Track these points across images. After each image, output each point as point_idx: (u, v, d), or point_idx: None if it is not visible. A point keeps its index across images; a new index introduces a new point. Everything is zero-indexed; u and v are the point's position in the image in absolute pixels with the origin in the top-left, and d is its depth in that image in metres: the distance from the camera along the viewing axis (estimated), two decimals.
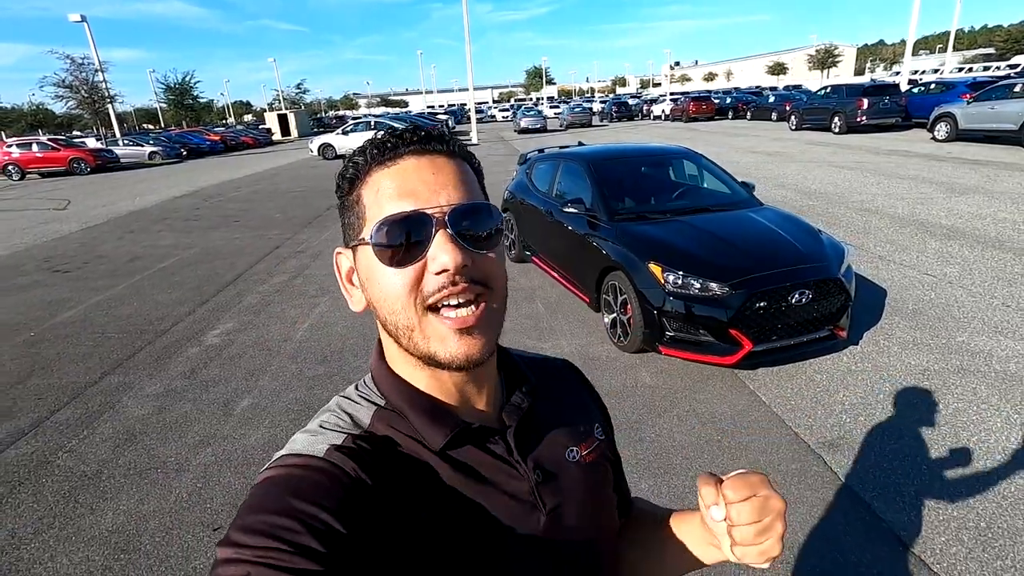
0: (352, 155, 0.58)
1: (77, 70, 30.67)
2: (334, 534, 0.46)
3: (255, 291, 5.89)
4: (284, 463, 0.51)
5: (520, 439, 0.61)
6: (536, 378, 0.68)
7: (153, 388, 3.84)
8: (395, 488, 0.52)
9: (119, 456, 3.08)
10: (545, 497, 0.60)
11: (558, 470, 0.63)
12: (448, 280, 0.51)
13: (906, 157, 12.26)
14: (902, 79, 23.06)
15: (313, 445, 0.53)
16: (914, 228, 6.67)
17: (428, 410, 0.57)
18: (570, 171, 5.07)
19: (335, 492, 0.48)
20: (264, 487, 0.49)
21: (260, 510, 0.46)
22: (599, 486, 0.67)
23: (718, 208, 4.40)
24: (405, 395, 0.58)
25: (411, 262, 0.52)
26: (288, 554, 0.43)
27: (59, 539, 2.48)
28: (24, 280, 6.84)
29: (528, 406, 0.63)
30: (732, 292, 3.34)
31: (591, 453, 0.67)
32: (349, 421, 0.57)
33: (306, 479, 0.49)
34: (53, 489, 2.83)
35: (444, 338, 0.52)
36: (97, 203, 13.63)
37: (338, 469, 0.50)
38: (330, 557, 0.44)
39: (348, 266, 0.60)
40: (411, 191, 0.52)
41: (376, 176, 0.55)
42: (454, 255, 0.50)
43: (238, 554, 0.43)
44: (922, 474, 2.62)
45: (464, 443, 0.58)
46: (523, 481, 0.59)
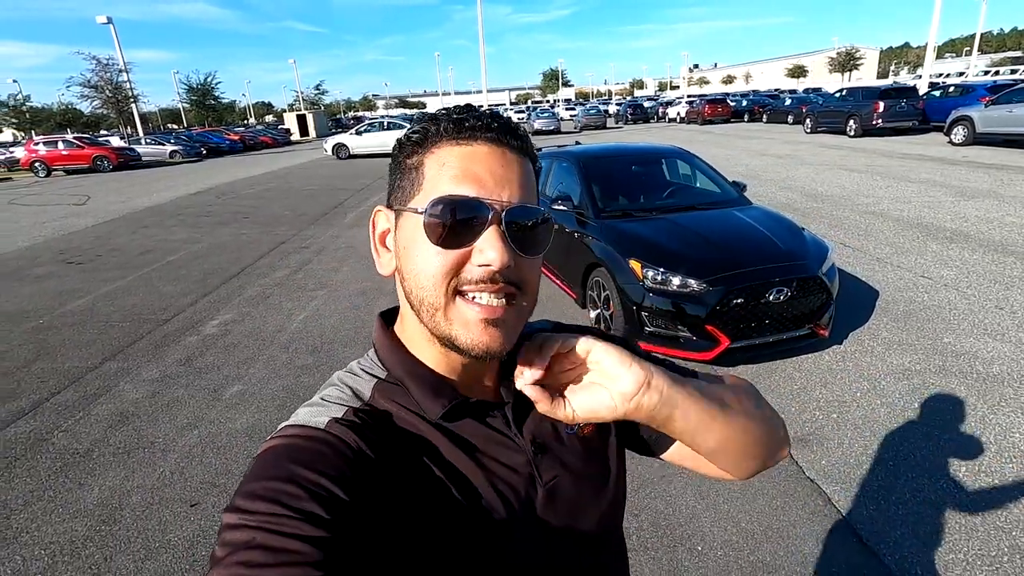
0: (424, 119, 0.57)
1: (102, 70, 31.52)
2: (337, 501, 0.46)
3: (256, 284, 6.04)
4: (286, 433, 0.52)
5: (518, 413, 0.61)
6: None
7: (149, 374, 3.99)
8: (395, 459, 0.53)
9: (110, 436, 3.22)
10: (543, 470, 0.60)
11: (555, 443, 0.63)
12: (487, 275, 0.51)
13: (919, 161, 12.08)
14: (922, 82, 22.69)
15: (314, 417, 0.53)
16: (917, 231, 6.60)
17: (429, 382, 0.58)
18: (562, 169, 5.13)
19: (336, 462, 0.49)
20: (266, 456, 0.50)
21: (264, 477, 0.47)
22: (601, 456, 0.67)
23: (705, 206, 4.42)
24: (408, 367, 0.58)
25: (456, 246, 0.51)
26: (292, 519, 0.44)
27: (47, 511, 2.61)
28: (39, 271, 7.09)
29: None
30: (710, 289, 3.37)
31: (590, 423, 0.66)
32: (350, 394, 0.58)
33: (308, 449, 0.50)
34: (46, 465, 2.97)
35: (468, 324, 0.52)
36: (115, 199, 14.02)
37: (339, 440, 0.51)
38: (334, 523, 0.45)
39: (385, 227, 0.60)
40: (477, 177, 0.52)
41: (445, 150, 0.54)
42: (501, 253, 0.50)
43: (243, 519, 0.44)
44: (888, 470, 2.63)
45: (463, 416, 0.58)
46: (521, 454, 0.60)
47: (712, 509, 2.45)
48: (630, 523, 2.38)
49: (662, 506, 2.47)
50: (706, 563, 2.18)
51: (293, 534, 0.43)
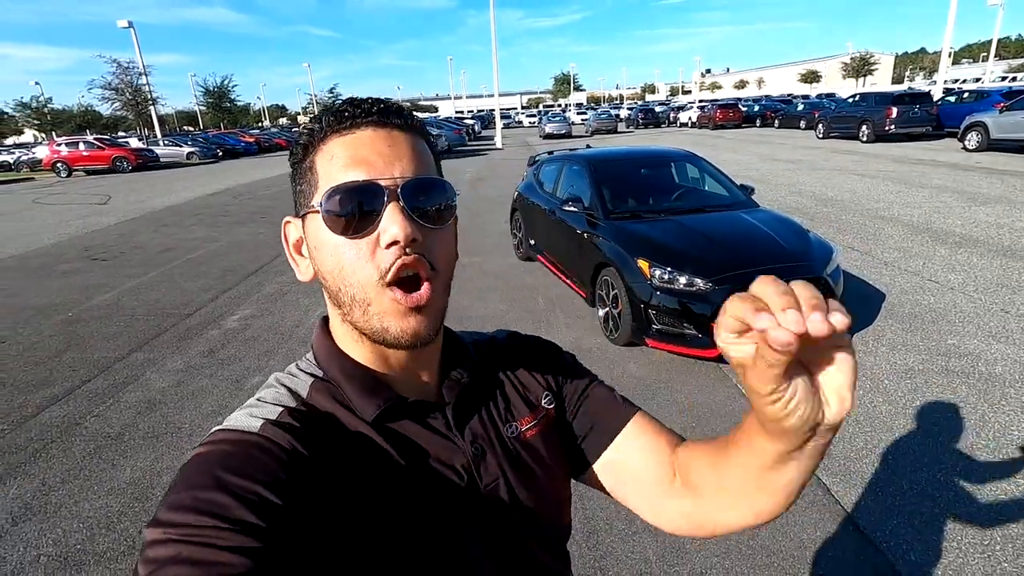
0: (309, 121, 0.57)
1: (123, 73, 32.18)
2: (270, 507, 0.44)
3: (274, 281, 6.22)
4: (216, 439, 0.50)
5: (458, 414, 0.61)
6: (482, 357, 0.69)
7: (174, 364, 4.16)
8: (332, 460, 0.52)
9: (140, 421, 3.38)
10: (482, 472, 0.60)
11: (495, 446, 0.62)
12: (399, 253, 0.51)
13: (932, 167, 12.05)
14: (936, 87, 22.54)
15: (247, 420, 0.52)
16: (926, 236, 6.63)
17: (363, 382, 0.57)
18: (573, 172, 5.26)
19: (270, 466, 0.47)
20: (193, 464, 0.47)
21: (191, 487, 0.44)
22: (542, 460, 0.66)
23: (712, 209, 4.52)
24: (342, 367, 0.58)
25: (362, 233, 0.51)
26: (221, 530, 0.41)
27: (83, 488, 2.77)
28: (66, 267, 7.34)
29: (468, 381, 0.63)
30: (715, 288, 3.47)
31: (534, 427, 0.66)
32: (287, 393, 0.56)
33: (239, 454, 0.48)
34: (80, 447, 3.14)
35: (396, 314, 0.52)
36: (135, 199, 14.35)
37: (272, 443, 0.49)
38: (267, 531, 0.43)
39: (297, 236, 0.59)
40: (365, 160, 0.52)
41: (331, 144, 0.54)
42: (404, 227, 0.50)
43: (167, 534, 0.41)
44: (887, 465, 2.71)
45: (401, 417, 0.57)
46: (461, 455, 0.59)
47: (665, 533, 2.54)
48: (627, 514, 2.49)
49: None
50: (706, 545, 2.28)
51: (223, 546, 0.41)
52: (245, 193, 14.54)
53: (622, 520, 2.44)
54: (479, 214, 9.66)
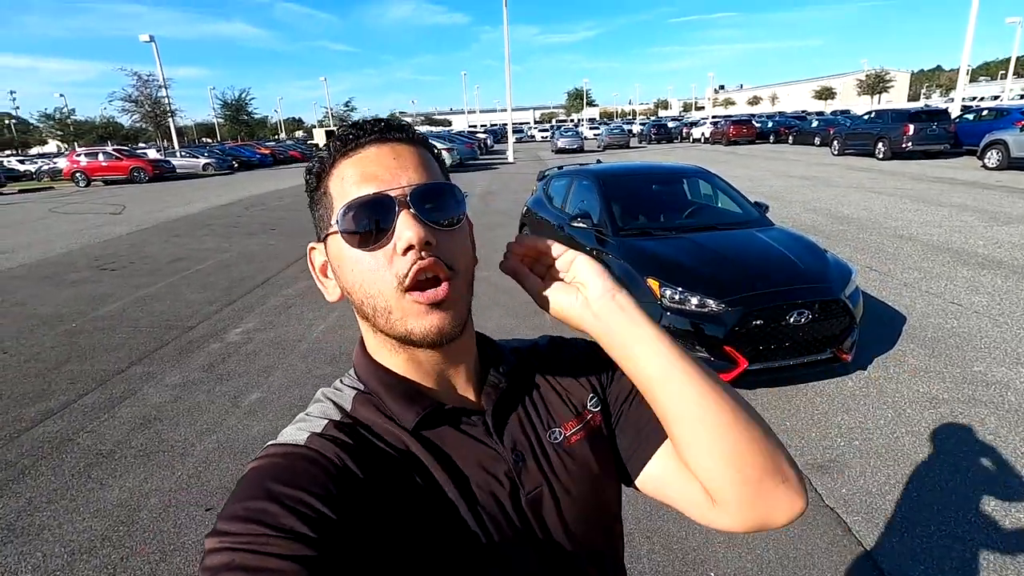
0: (317, 150, 0.60)
1: (143, 86, 32.81)
2: (319, 516, 0.46)
3: (280, 294, 6.17)
4: (267, 453, 0.53)
5: (498, 420, 0.61)
6: (522, 362, 0.69)
7: (173, 379, 4.08)
8: (377, 470, 0.53)
9: (132, 438, 3.30)
10: (524, 480, 0.59)
11: (537, 452, 0.62)
12: (416, 257, 0.52)
13: (951, 185, 11.81)
14: (954, 105, 22.26)
15: (295, 435, 0.55)
16: (947, 256, 6.43)
17: (401, 391, 0.58)
18: (582, 187, 5.16)
19: (318, 477, 0.49)
20: (247, 478, 0.50)
21: (244, 498, 0.47)
22: (587, 466, 0.64)
23: (725, 226, 4.39)
24: (380, 378, 0.59)
25: (379, 244, 0.53)
26: (273, 538, 0.44)
27: (68, 509, 2.68)
28: (75, 276, 7.36)
29: (506, 386, 0.63)
30: (728, 309, 3.33)
31: (579, 432, 0.65)
32: (333, 407, 0.59)
33: (288, 466, 0.50)
34: (71, 464, 3.06)
35: (418, 315, 0.53)
36: (150, 209, 14.50)
37: (320, 455, 0.51)
38: (316, 539, 0.45)
39: (322, 260, 0.61)
40: (373, 175, 0.54)
41: (340, 167, 0.56)
42: (417, 231, 0.52)
43: (223, 543, 0.44)
44: (912, 502, 2.54)
45: (440, 423, 0.58)
46: (501, 463, 0.59)
47: (725, 538, 2.39)
48: (641, 546, 2.35)
49: (674, 529, 2.43)
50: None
51: (274, 553, 0.43)
52: (257, 204, 14.64)
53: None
54: (490, 228, 9.58)
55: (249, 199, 15.91)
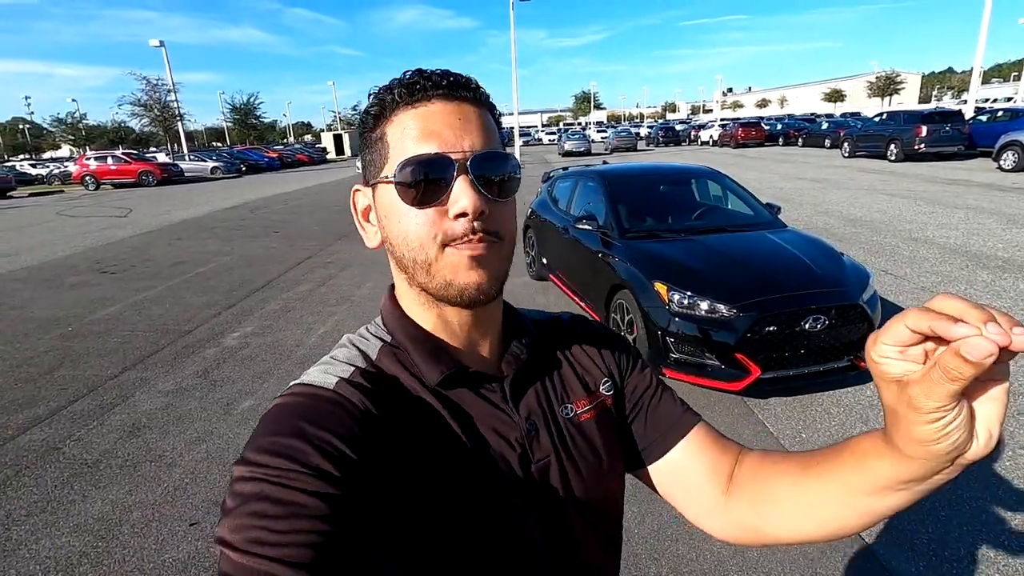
0: (379, 91, 0.57)
1: (152, 90, 33.08)
2: (345, 459, 0.47)
3: (280, 297, 6.06)
4: (296, 391, 0.53)
5: (516, 389, 0.62)
6: (543, 335, 0.69)
7: (165, 385, 3.97)
8: (398, 421, 0.54)
9: (119, 448, 3.18)
10: (534, 449, 0.60)
11: (550, 424, 0.62)
12: (468, 227, 0.52)
13: (966, 187, 11.56)
14: (968, 106, 21.93)
15: (324, 377, 0.55)
16: (965, 259, 6.23)
17: (429, 348, 0.58)
18: (587, 188, 5.02)
19: (345, 421, 0.50)
20: (276, 413, 0.51)
21: (273, 433, 0.48)
22: (595, 445, 0.65)
23: (736, 228, 4.23)
24: (409, 332, 0.60)
25: (432, 203, 0.53)
26: (301, 474, 0.44)
27: (47, 523, 2.56)
28: (75, 279, 7.30)
29: (527, 357, 0.63)
30: (740, 315, 3.17)
31: (590, 410, 0.66)
32: (358, 355, 0.59)
33: (316, 408, 0.51)
34: (54, 475, 2.94)
35: (457, 268, 0.53)
36: (156, 212, 14.51)
37: (346, 400, 0.52)
38: (341, 480, 0.46)
39: (365, 204, 0.61)
40: (436, 133, 0.53)
41: (402, 116, 0.55)
42: (473, 200, 0.51)
43: (253, 472, 0.45)
44: (940, 523, 2.37)
45: (460, 385, 0.59)
46: (514, 429, 0.59)
47: (740, 555, 2.24)
48: (648, 568, 2.19)
49: (684, 550, 2.27)
50: None
51: (302, 488, 0.44)
52: (263, 207, 14.61)
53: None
54: None
55: (254, 202, 15.90)
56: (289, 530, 0.42)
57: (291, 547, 0.42)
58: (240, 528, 0.42)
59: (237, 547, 0.42)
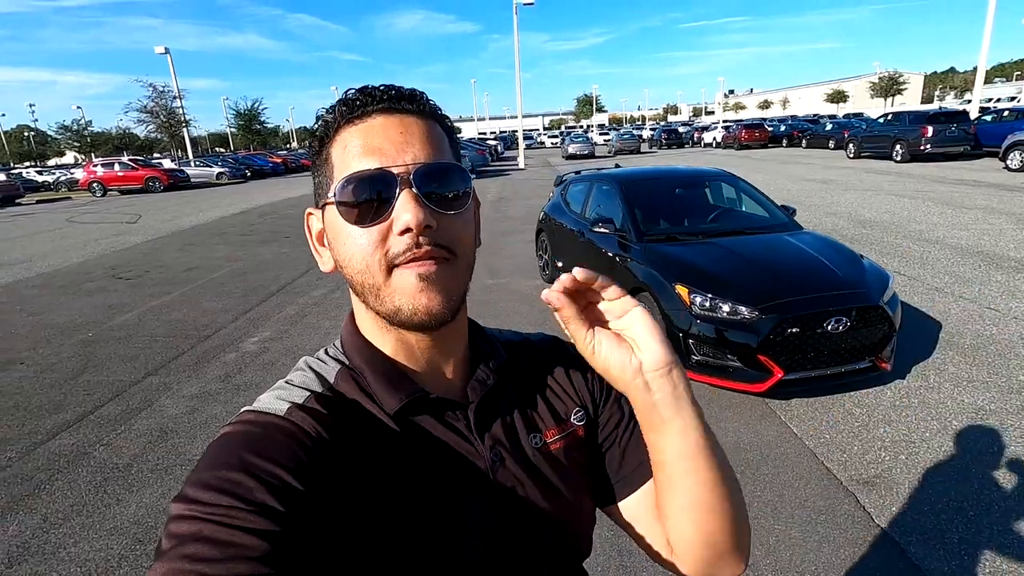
0: (323, 112, 0.56)
1: (158, 97, 33.27)
2: (292, 492, 0.45)
3: (295, 302, 6.11)
4: (244, 419, 0.51)
5: (481, 416, 0.59)
6: (513, 358, 0.66)
7: (190, 389, 4.02)
8: (353, 448, 0.51)
9: (149, 452, 3.22)
10: (500, 479, 0.58)
11: (517, 455, 0.60)
12: (412, 241, 0.50)
13: (974, 187, 11.55)
14: (973, 106, 21.90)
15: (275, 403, 0.52)
16: (978, 260, 6.23)
17: (387, 373, 0.56)
18: (603, 192, 5.05)
19: (294, 450, 0.47)
20: (220, 443, 0.48)
21: (215, 466, 0.45)
22: (564, 476, 0.62)
23: (753, 231, 4.26)
24: (367, 357, 0.57)
25: (375, 221, 0.51)
26: (243, 511, 0.42)
27: (84, 527, 2.60)
28: (91, 285, 7.36)
29: (494, 383, 0.61)
30: (762, 316, 3.20)
31: (559, 441, 0.63)
32: (315, 378, 0.56)
33: (264, 436, 0.48)
34: (87, 479, 2.98)
35: (406, 291, 0.51)
36: (164, 218, 14.60)
37: (297, 428, 0.50)
38: (287, 515, 0.43)
39: (319, 227, 0.59)
40: (377, 149, 0.51)
41: (344, 134, 0.54)
42: (416, 213, 0.49)
43: (191, 510, 0.42)
44: (969, 521, 2.39)
45: (422, 412, 0.56)
46: (479, 459, 0.57)
47: (771, 556, 2.26)
48: None
49: None
50: None
51: (243, 527, 0.42)
52: (270, 212, 14.68)
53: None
54: (504, 234, 9.50)
55: (262, 207, 15.98)
56: (228, 574, 0.39)
57: None
58: (175, 573, 0.39)
59: None
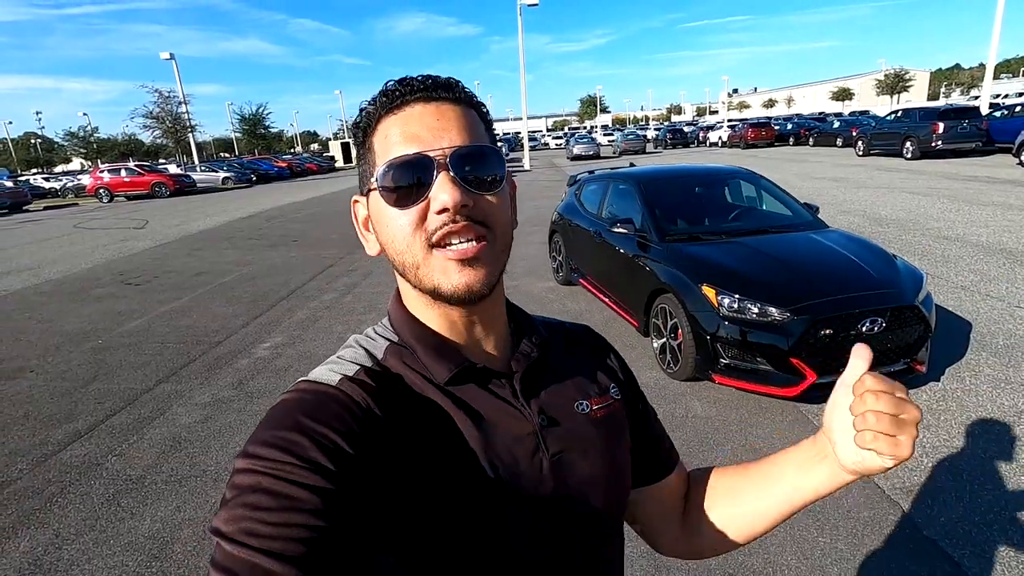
0: (365, 105, 0.59)
1: (164, 102, 33.42)
2: (343, 454, 0.47)
3: (306, 307, 6.03)
4: (299, 388, 0.54)
5: (526, 385, 0.61)
6: (551, 337, 0.69)
7: (202, 397, 3.93)
8: (402, 419, 0.54)
9: (163, 462, 3.14)
10: (549, 441, 0.59)
11: (565, 418, 0.62)
12: (449, 218, 0.52)
13: (988, 183, 11.38)
14: (982, 102, 21.68)
15: (328, 374, 0.55)
16: (1002, 258, 6.09)
17: (435, 346, 0.59)
18: (620, 191, 4.95)
19: (345, 417, 0.50)
20: (279, 408, 0.52)
21: (274, 427, 0.49)
22: (611, 443, 0.65)
23: (778, 230, 4.14)
24: (415, 331, 0.60)
25: (414, 203, 0.53)
26: (298, 468, 0.45)
27: (98, 542, 2.51)
28: (100, 291, 7.31)
29: (537, 356, 0.63)
30: (794, 318, 3.09)
31: (602, 409, 0.66)
32: (364, 354, 0.59)
33: (318, 403, 0.51)
34: (99, 492, 2.90)
35: (446, 270, 0.53)
36: (172, 223, 14.58)
37: (348, 397, 0.52)
38: (338, 475, 0.46)
39: (364, 214, 0.62)
40: (415, 135, 0.54)
41: (384, 124, 0.56)
42: (453, 194, 0.51)
43: (251, 464, 0.46)
44: (1022, 532, 2.27)
45: (468, 381, 0.58)
46: (527, 423, 0.59)
47: (818, 571, 2.15)
48: None
49: (760, 564, 2.19)
50: None
51: (298, 482, 0.44)
52: (278, 216, 14.64)
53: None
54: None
55: (269, 212, 15.95)
56: (282, 523, 0.42)
57: (283, 540, 0.42)
58: (235, 519, 0.43)
59: (231, 537, 0.42)
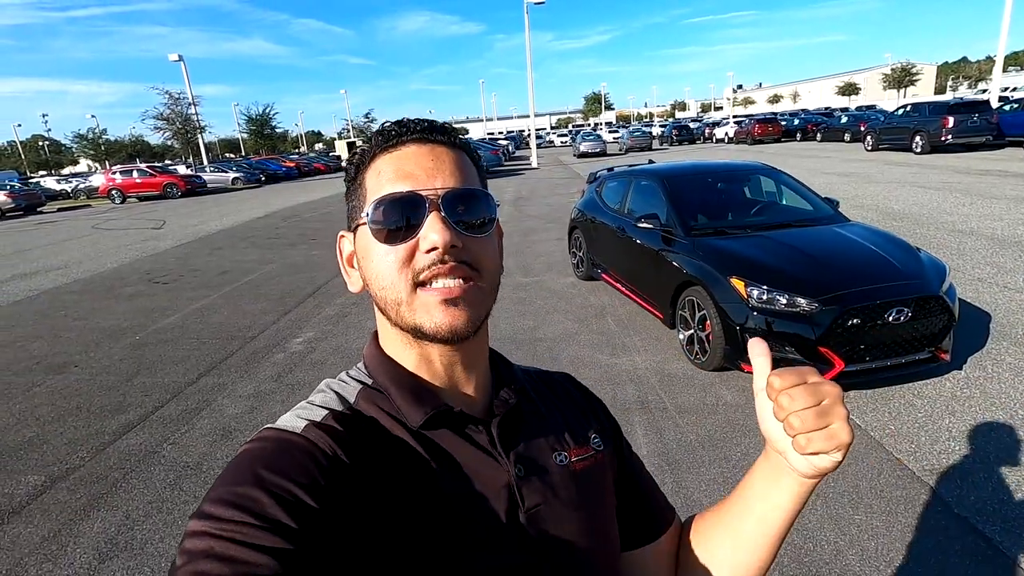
0: (360, 143, 0.62)
1: (174, 104, 33.66)
2: (305, 508, 0.45)
3: (333, 303, 6.17)
4: (262, 436, 0.52)
5: (504, 432, 0.59)
6: (530, 385, 0.68)
7: (245, 389, 4.08)
8: (372, 466, 0.52)
9: (217, 450, 3.28)
10: (526, 494, 0.57)
11: (542, 470, 0.60)
12: (437, 257, 0.52)
13: (1001, 177, 11.41)
14: (992, 95, 21.61)
15: (293, 421, 0.54)
16: (1017, 250, 6.16)
17: (411, 388, 0.57)
18: (642, 188, 5.06)
19: (308, 467, 0.48)
20: (238, 460, 0.49)
21: (231, 482, 0.46)
22: (592, 496, 0.63)
23: (801, 224, 4.25)
24: (390, 373, 0.59)
25: (403, 240, 0.53)
26: (255, 528, 0.43)
27: (167, 523, 2.66)
28: (129, 290, 7.48)
29: (515, 403, 0.62)
30: (822, 308, 3.20)
31: (583, 461, 0.64)
32: (335, 398, 0.58)
33: (279, 452, 0.49)
34: (160, 477, 3.05)
35: (430, 309, 0.53)
36: (189, 223, 14.78)
37: (313, 445, 0.50)
38: (299, 532, 0.44)
39: (350, 250, 0.62)
40: (409, 174, 0.55)
41: (379, 161, 0.57)
42: (443, 234, 0.52)
43: (204, 527, 0.43)
44: None
45: (443, 426, 0.57)
46: (503, 473, 0.57)
47: (856, 546, 2.26)
48: None
49: (800, 540, 2.30)
50: None
51: (253, 544, 0.42)
52: (292, 216, 14.82)
53: None
54: (527, 233, 9.54)
55: (283, 211, 16.12)
56: None
57: None
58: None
59: None
